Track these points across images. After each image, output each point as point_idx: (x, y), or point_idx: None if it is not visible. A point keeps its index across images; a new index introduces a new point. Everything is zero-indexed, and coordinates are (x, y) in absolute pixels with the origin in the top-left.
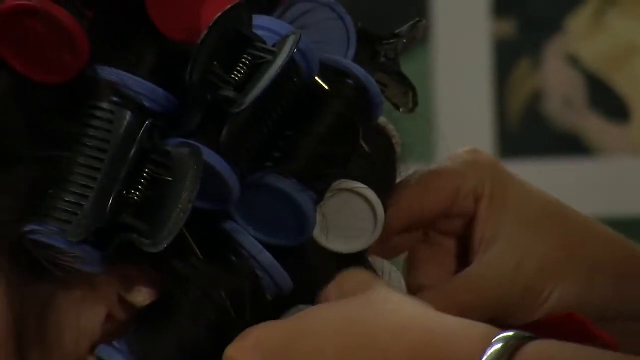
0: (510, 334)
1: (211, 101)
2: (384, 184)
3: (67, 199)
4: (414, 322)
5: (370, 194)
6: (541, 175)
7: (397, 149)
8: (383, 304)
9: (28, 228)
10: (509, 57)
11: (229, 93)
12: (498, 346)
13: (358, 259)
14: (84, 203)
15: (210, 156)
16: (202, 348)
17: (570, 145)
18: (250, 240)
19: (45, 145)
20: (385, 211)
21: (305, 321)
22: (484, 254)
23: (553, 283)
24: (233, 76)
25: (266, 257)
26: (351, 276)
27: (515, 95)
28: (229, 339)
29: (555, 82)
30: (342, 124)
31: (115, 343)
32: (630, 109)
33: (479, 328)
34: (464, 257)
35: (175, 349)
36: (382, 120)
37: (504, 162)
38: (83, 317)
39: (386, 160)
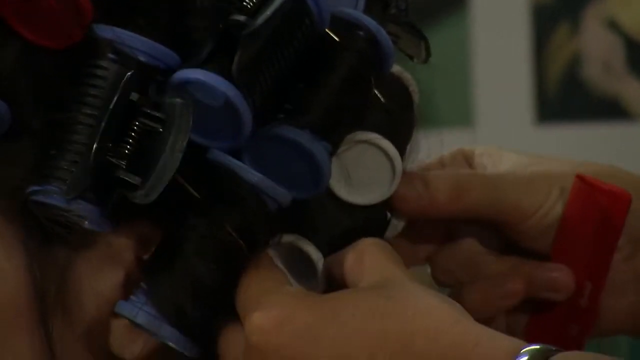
0: (537, 347)
1: (223, 27)
2: (402, 133)
3: (66, 158)
4: (445, 327)
5: (387, 144)
6: (580, 140)
7: (414, 97)
8: (414, 301)
9: (30, 189)
10: (548, 22)
11: (240, 17)
12: (524, 358)
13: (371, 229)
14: (78, 160)
15: (222, 85)
16: (216, 282)
17: (609, 109)
18: (253, 174)
19: (49, 110)
20: (403, 159)
21: (336, 307)
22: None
23: (558, 190)
24: (245, 3)
25: (267, 182)
26: (372, 251)
27: (554, 60)
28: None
29: (594, 46)
30: (354, 76)
31: (132, 297)
32: None
33: (506, 341)
34: None
35: (191, 289)
36: (397, 69)
37: (543, 127)
38: (101, 280)
39: (402, 109)
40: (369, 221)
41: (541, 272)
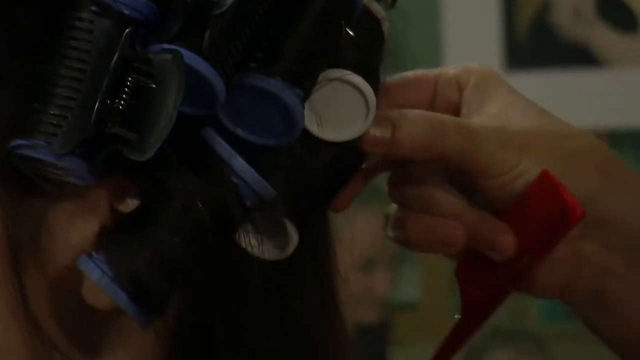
0: None
1: (192, 4)
2: (374, 67)
3: (52, 112)
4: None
5: (359, 80)
6: (549, 86)
7: (384, 26)
8: None
9: (15, 143)
10: None
11: None
12: None
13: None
14: (68, 115)
15: (193, 60)
16: (180, 260)
17: (579, 56)
18: (221, 145)
19: (27, 61)
20: (377, 95)
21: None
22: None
23: (531, 161)
24: None
25: (238, 161)
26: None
27: (524, 6)
28: (208, 250)
29: None
30: (324, 20)
31: (94, 253)
32: (638, 19)
33: None
34: None
35: (151, 260)
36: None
37: (513, 74)
38: (74, 229)
39: (373, 42)
40: (343, 158)
41: (488, 227)
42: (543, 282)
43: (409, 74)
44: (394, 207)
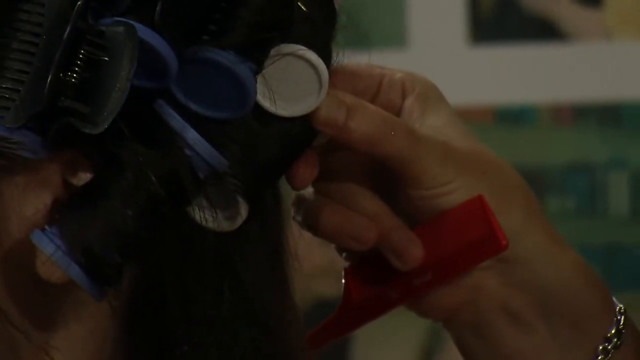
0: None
1: None
2: (326, 41)
3: (3, 86)
4: None
5: (311, 55)
6: (514, 60)
7: (336, 1)
8: None
9: None
10: None
11: None
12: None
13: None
14: (20, 88)
15: (145, 33)
16: (133, 232)
17: (543, 29)
18: (174, 117)
19: None
20: (330, 70)
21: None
22: None
23: (463, 182)
24: None
25: (190, 133)
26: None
27: None
28: (161, 222)
29: None
30: None
31: (47, 227)
32: None
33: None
34: None
35: (104, 232)
36: None
37: (477, 47)
38: (27, 203)
39: (324, 15)
40: (295, 132)
41: (400, 235)
42: (434, 303)
43: (358, 64)
44: (309, 191)
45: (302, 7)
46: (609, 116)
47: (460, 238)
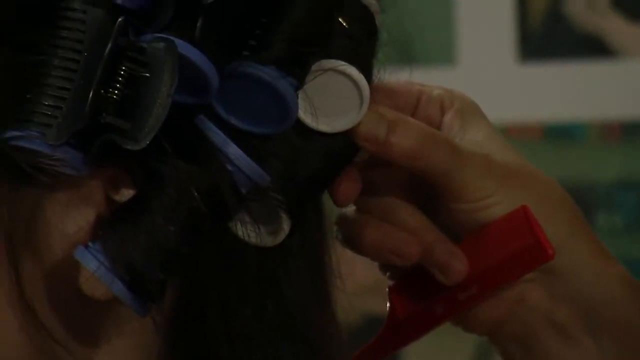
0: None
1: None
2: (367, 58)
3: (45, 103)
4: None
5: (352, 71)
6: (563, 78)
7: (377, 18)
8: None
9: (9, 134)
10: None
11: None
12: None
13: (346, 155)
14: (62, 105)
15: (185, 49)
16: (175, 248)
17: (592, 47)
18: (215, 132)
19: (18, 52)
20: (371, 86)
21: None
22: None
23: (505, 195)
24: None
25: (232, 149)
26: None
27: None
28: (203, 238)
29: None
30: (316, 7)
31: (90, 244)
32: None
33: None
34: None
35: (147, 249)
36: None
37: (526, 64)
38: (70, 220)
39: (366, 33)
40: (336, 148)
41: (443, 249)
42: (478, 316)
43: (398, 81)
44: (350, 209)
45: (343, 23)
46: None
47: (505, 249)
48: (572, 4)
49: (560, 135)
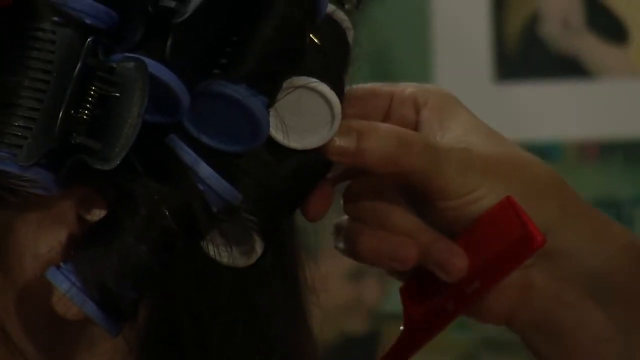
0: None
1: (152, 12)
2: (338, 74)
3: (15, 124)
4: None
5: (324, 88)
6: (539, 98)
7: (349, 35)
8: None
9: None
10: None
11: (169, 3)
12: None
13: (318, 171)
14: (32, 126)
15: (156, 68)
16: (147, 267)
17: (569, 67)
18: (186, 151)
19: None
20: (342, 102)
21: None
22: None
23: (491, 187)
24: None
25: (203, 168)
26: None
27: (513, 18)
28: (176, 257)
29: (553, 3)
30: (287, 24)
31: (62, 264)
32: (628, 30)
33: None
34: None
35: (119, 268)
36: (329, 7)
37: (503, 85)
38: (42, 241)
39: (338, 50)
40: (308, 165)
41: (441, 248)
42: (490, 307)
43: (365, 86)
44: (344, 218)
45: (315, 40)
46: (634, 153)
47: (498, 241)
48: (548, 24)
49: (537, 154)
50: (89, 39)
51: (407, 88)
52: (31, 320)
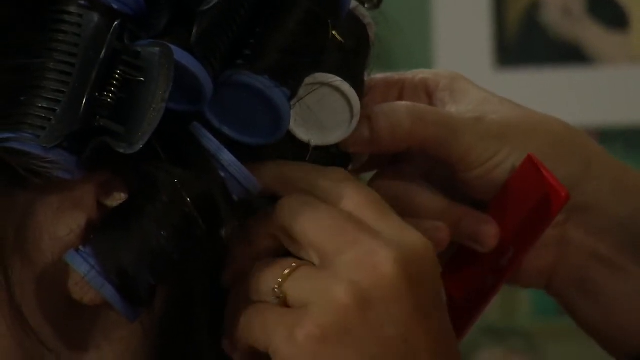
0: None
1: (178, 0)
2: (359, 71)
3: (39, 105)
4: None
5: (344, 86)
6: (540, 85)
7: (370, 31)
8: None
9: (2, 136)
10: None
11: None
12: None
13: (338, 164)
14: (56, 108)
15: (181, 55)
16: (166, 253)
17: (569, 54)
18: (209, 139)
19: (13, 54)
20: (361, 99)
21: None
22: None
23: (510, 149)
24: None
25: (226, 155)
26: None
27: (514, 5)
28: (195, 244)
29: None
30: (311, 19)
31: (81, 247)
32: (628, 16)
33: None
34: None
35: (138, 253)
36: (352, 3)
37: (503, 72)
38: (61, 224)
39: (359, 47)
40: (327, 159)
41: (470, 220)
42: (529, 270)
43: (377, 76)
44: None
45: (337, 37)
46: (635, 139)
47: (525, 204)
48: (548, 10)
49: None
50: (115, 23)
51: (418, 74)
52: (48, 303)
